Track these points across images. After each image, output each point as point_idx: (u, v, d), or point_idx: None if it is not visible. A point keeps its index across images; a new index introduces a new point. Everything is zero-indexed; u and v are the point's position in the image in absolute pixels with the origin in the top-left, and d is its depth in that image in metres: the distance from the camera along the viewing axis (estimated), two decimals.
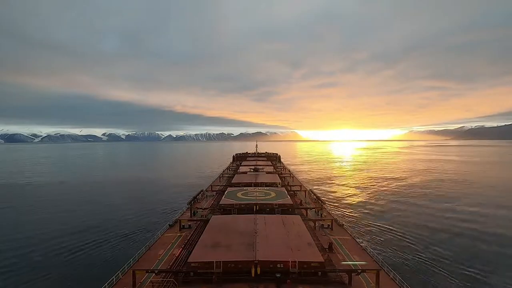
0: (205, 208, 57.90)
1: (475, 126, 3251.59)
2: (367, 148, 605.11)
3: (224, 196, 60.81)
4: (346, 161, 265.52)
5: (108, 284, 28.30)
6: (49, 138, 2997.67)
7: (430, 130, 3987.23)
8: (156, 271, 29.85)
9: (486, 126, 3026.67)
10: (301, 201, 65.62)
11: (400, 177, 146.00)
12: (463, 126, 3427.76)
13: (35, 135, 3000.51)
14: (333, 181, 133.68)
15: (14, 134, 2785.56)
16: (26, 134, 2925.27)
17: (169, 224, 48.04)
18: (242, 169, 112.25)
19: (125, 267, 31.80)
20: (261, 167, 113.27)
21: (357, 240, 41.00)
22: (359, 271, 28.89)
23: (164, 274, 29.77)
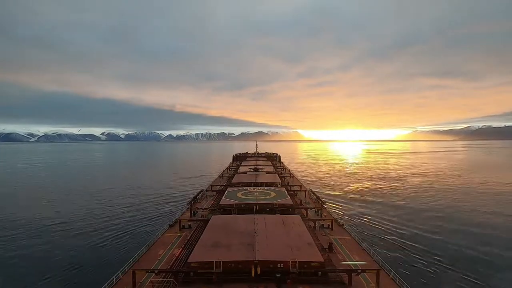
0: (205, 208, 57.89)
1: (482, 126, 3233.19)
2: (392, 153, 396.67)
3: (224, 196, 60.80)
4: None
5: (108, 284, 28.28)
6: (46, 137, 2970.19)
7: (435, 130, 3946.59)
8: (156, 271, 29.85)
9: (493, 126, 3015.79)
10: (301, 201, 65.63)
11: None
12: (470, 126, 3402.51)
13: (31, 135, 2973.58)
14: None
15: (10, 133, 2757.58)
16: (22, 133, 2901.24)
17: (169, 224, 48.05)
18: (242, 169, 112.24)
19: (125, 267, 31.78)
20: (261, 167, 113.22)
21: (357, 240, 41.03)
22: (359, 271, 28.90)
23: (164, 274, 29.79)
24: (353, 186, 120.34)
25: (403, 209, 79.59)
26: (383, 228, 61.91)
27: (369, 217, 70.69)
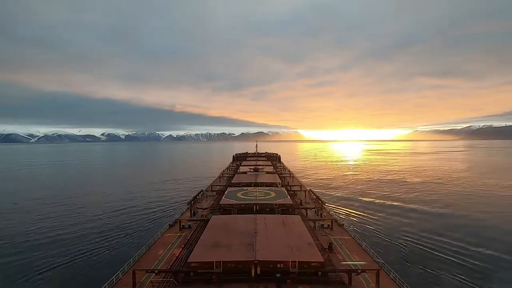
0: (205, 208, 57.88)
1: (483, 125, 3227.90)
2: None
3: (224, 196, 60.78)
4: None
5: (108, 284, 28.28)
6: (46, 138, 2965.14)
7: (435, 130, 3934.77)
8: (156, 271, 29.84)
9: (494, 126, 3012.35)
10: (301, 201, 65.57)
11: None
12: (471, 126, 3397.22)
13: (31, 135, 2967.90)
14: None
15: (9, 134, 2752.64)
16: (22, 134, 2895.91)
17: (169, 224, 48.04)
18: (242, 169, 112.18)
19: (125, 267, 31.77)
20: (261, 167, 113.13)
21: (357, 240, 41.02)
22: (359, 271, 28.87)
23: (164, 274, 29.78)
24: (353, 186, 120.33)
25: (403, 209, 79.58)
26: (383, 228, 61.90)
27: (369, 217, 70.68)
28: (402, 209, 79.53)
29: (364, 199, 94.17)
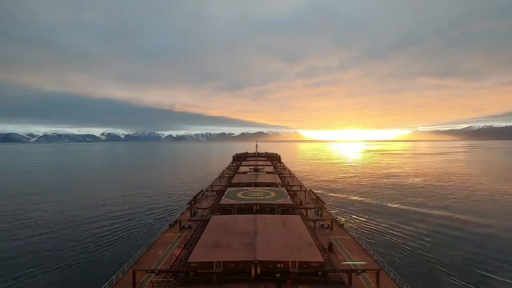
0: (205, 208, 57.90)
1: (483, 126, 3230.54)
2: None
3: (224, 196, 60.83)
4: None
5: (108, 284, 28.29)
6: (45, 137, 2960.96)
7: (435, 130, 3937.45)
8: (156, 271, 29.88)
9: (494, 126, 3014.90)
10: (301, 201, 65.61)
11: None
12: (471, 126, 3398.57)
13: (31, 135, 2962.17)
14: None
15: (9, 134, 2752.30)
16: (22, 134, 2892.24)
17: (169, 224, 48.11)
18: (242, 169, 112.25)
19: (125, 267, 31.79)
20: (261, 167, 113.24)
21: (357, 240, 41.04)
22: (359, 271, 28.90)
23: (164, 274, 29.81)
24: (353, 186, 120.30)
25: (404, 210, 79.57)
26: (383, 228, 61.85)
27: (370, 217, 70.61)
28: (403, 210, 79.52)
29: (364, 199, 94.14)
